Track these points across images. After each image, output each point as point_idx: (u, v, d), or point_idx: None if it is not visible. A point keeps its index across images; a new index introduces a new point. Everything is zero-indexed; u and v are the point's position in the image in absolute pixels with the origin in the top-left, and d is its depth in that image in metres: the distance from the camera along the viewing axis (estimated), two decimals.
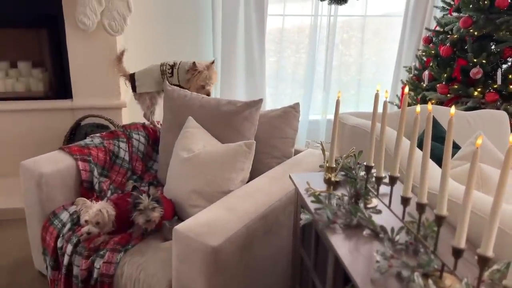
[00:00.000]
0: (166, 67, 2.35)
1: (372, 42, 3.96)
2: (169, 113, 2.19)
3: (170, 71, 2.35)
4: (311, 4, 3.59)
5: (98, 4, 2.65)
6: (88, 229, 1.67)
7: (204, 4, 3.37)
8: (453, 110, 0.91)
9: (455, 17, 2.98)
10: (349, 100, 4.11)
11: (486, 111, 2.47)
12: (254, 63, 3.53)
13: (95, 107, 2.89)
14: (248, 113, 2.00)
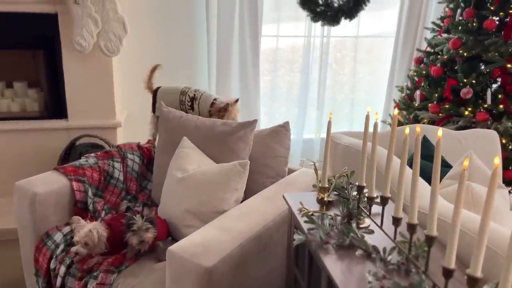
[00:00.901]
0: (186, 99, 2.27)
1: (365, 61, 4.03)
2: (164, 134, 2.21)
3: (189, 104, 2.26)
4: (304, 24, 3.66)
5: (95, 26, 2.69)
6: (76, 249, 1.67)
7: (199, 24, 3.42)
8: (440, 133, 0.94)
9: (445, 39, 3.04)
10: (343, 119, 4.15)
11: (476, 130, 2.51)
12: (248, 83, 3.57)
13: (90, 127, 2.90)
14: (243, 133, 2.02)
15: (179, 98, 2.28)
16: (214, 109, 2.20)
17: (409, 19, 3.62)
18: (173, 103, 2.28)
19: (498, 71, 2.81)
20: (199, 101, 2.25)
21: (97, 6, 2.70)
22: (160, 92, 2.36)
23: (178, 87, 2.33)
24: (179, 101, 2.28)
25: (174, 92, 2.31)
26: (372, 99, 4.09)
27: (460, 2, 2.97)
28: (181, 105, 2.27)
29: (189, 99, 2.26)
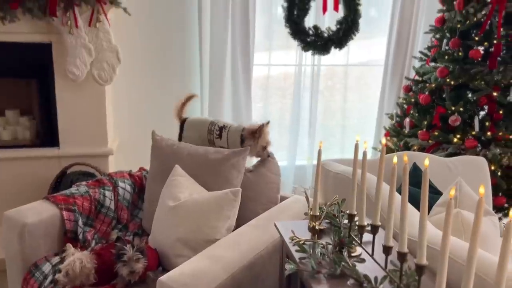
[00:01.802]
0: (215, 128, 2.22)
1: (356, 88, 4.09)
2: (156, 162, 2.22)
3: (218, 133, 2.21)
4: (295, 52, 3.73)
5: (88, 55, 2.73)
6: (57, 276, 1.65)
7: (191, 52, 3.47)
8: (427, 162, 0.96)
9: (432, 67, 3.12)
10: (334, 145, 4.18)
11: (466, 157, 2.54)
12: (240, 110, 3.60)
13: (82, 155, 2.90)
14: (236, 161, 2.04)
15: (207, 127, 2.24)
16: (247, 132, 2.14)
17: (397, 48, 3.70)
18: (200, 133, 2.24)
19: (484, 99, 2.86)
20: (229, 130, 2.20)
21: (91, 36, 2.74)
22: (188, 122, 2.31)
23: (207, 119, 2.31)
24: (207, 129, 2.23)
25: (203, 123, 2.27)
26: (363, 126, 4.13)
27: (446, 33, 3.06)
28: (209, 133, 2.22)
29: (218, 128, 2.21)
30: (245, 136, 2.14)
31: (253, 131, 2.11)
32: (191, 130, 2.27)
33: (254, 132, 2.11)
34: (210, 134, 2.22)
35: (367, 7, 3.77)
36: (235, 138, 2.16)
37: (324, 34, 3.39)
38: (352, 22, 3.28)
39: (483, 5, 2.85)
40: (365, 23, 3.69)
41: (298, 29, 3.36)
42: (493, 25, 2.83)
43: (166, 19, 3.36)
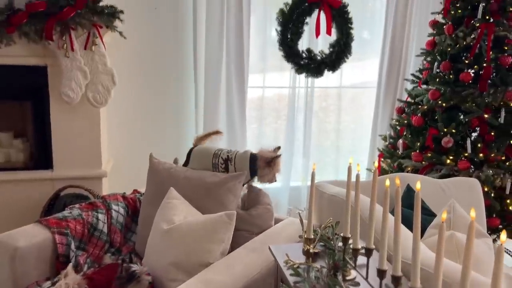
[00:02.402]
0: (219, 161, 2.15)
1: (349, 110, 4.13)
2: (152, 184, 2.21)
3: (223, 167, 2.14)
4: (289, 74, 3.76)
5: (84, 78, 2.74)
6: None
7: (186, 75, 3.50)
8: (418, 185, 0.97)
9: (424, 89, 3.16)
10: (329, 166, 4.19)
11: (459, 179, 2.56)
12: (235, 132, 3.61)
13: (75, 177, 2.88)
14: (232, 185, 2.04)
15: (211, 161, 2.17)
16: (262, 161, 2.09)
17: (389, 70, 3.76)
18: (206, 165, 2.18)
19: (476, 121, 2.90)
20: (235, 161, 2.13)
21: (87, 59, 2.76)
22: (194, 151, 2.25)
23: (210, 149, 2.22)
24: (211, 164, 2.16)
25: (207, 155, 2.20)
26: (357, 147, 4.15)
27: (437, 56, 3.11)
28: (214, 168, 2.16)
29: (222, 161, 2.14)
30: (259, 165, 2.10)
31: (269, 160, 2.09)
32: (196, 162, 2.21)
33: (270, 162, 2.09)
34: (215, 168, 2.16)
35: (360, 29, 3.84)
36: (243, 164, 2.11)
37: (317, 57, 3.44)
38: (344, 46, 3.33)
39: (472, 29, 2.91)
40: (358, 44, 3.75)
41: (291, 52, 3.40)
42: (483, 49, 2.88)
43: (161, 42, 3.40)
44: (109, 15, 2.70)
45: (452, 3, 3.06)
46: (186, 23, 3.42)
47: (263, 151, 2.14)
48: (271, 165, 2.08)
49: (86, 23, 2.67)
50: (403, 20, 3.65)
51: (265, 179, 2.15)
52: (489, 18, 2.90)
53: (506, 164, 2.84)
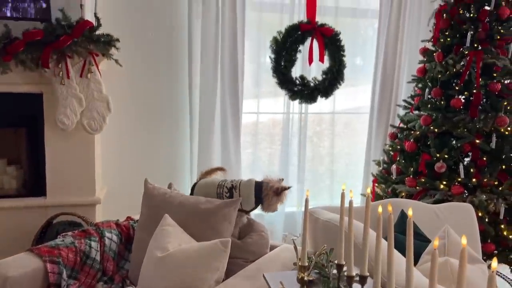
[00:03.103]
0: (224, 191, 2.15)
1: (343, 135, 4.16)
2: (146, 210, 2.20)
3: (228, 195, 2.14)
4: (283, 100, 3.80)
5: (79, 105, 2.76)
6: None
7: (181, 102, 3.53)
8: (410, 212, 0.97)
9: (416, 115, 3.20)
10: (324, 191, 4.19)
11: (453, 204, 2.57)
12: (230, 157, 3.62)
13: (68, 204, 2.86)
14: (227, 211, 2.03)
15: (216, 192, 2.17)
16: (271, 191, 2.09)
17: (381, 96, 3.81)
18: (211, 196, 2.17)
19: (468, 146, 2.93)
20: (240, 189, 2.14)
21: (82, 86, 2.78)
22: (199, 184, 2.26)
23: (215, 181, 2.24)
24: (216, 194, 2.17)
25: (211, 185, 2.21)
26: (352, 172, 4.16)
27: (428, 82, 3.17)
28: (219, 197, 2.16)
29: (227, 191, 2.15)
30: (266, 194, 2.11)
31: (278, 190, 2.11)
32: (200, 194, 2.21)
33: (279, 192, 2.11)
34: (220, 197, 2.16)
35: (352, 55, 3.92)
36: (248, 192, 2.11)
37: (311, 84, 3.49)
38: (337, 73, 3.38)
39: (462, 57, 2.98)
40: (351, 71, 3.82)
41: (285, 79, 3.45)
42: (472, 76, 2.94)
43: (156, 69, 3.44)
44: (105, 43, 2.74)
45: (441, 31, 3.14)
46: (181, 50, 3.47)
47: (270, 180, 2.15)
48: (280, 196, 2.10)
49: (82, 51, 2.71)
50: (394, 47, 3.73)
51: (271, 208, 2.15)
52: (478, 46, 2.97)
53: (499, 189, 2.85)
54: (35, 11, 2.69)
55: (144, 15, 3.35)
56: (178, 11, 3.42)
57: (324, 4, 3.65)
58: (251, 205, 2.11)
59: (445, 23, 3.12)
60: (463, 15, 3.04)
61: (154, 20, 3.38)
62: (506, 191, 2.84)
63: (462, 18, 3.04)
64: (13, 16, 2.66)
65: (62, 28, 2.64)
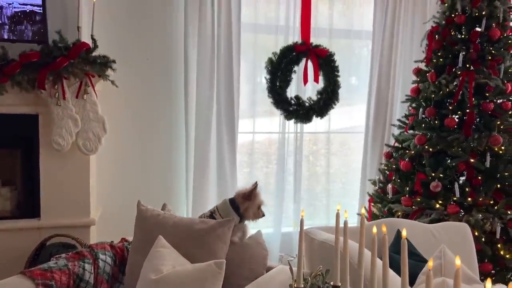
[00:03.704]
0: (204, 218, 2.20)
1: (339, 154, 4.17)
2: (140, 232, 2.18)
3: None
4: (278, 119, 3.81)
5: (74, 126, 2.76)
6: None
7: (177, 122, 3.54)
8: (404, 233, 0.97)
9: (411, 135, 3.22)
10: (321, 210, 4.17)
11: (449, 223, 2.56)
12: (225, 177, 3.61)
13: (62, 226, 2.83)
14: (221, 231, 2.02)
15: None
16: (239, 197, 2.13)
17: (376, 115, 3.83)
18: None
19: (463, 165, 2.94)
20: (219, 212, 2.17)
21: (78, 107, 2.79)
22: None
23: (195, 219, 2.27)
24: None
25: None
26: (348, 191, 4.16)
27: (422, 102, 3.20)
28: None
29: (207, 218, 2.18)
30: (238, 202, 2.14)
31: (246, 194, 2.13)
32: None
33: (248, 195, 2.12)
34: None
35: (347, 75, 3.97)
36: (227, 210, 2.15)
37: (306, 104, 3.53)
38: (332, 93, 3.42)
39: (454, 77, 3.02)
40: (346, 90, 3.86)
41: (280, 99, 3.48)
42: (465, 95, 2.98)
43: (152, 89, 3.46)
44: (101, 64, 2.76)
45: (434, 52, 3.19)
46: (177, 71, 3.49)
47: (241, 190, 2.19)
48: (251, 198, 2.11)
49: (78, 72, 2.73)
50: (388, 68, 3.77)
51: (250, 213, 2.16)
52: (470, 66, 3.02)
53: (495, 208, 2.86)
54: (32, 33, 2.71)
55: (140, 36, 3.39)
56: (174, 32, 3.46)
57: (318, 26, 3.71)
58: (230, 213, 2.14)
59: (438, 44, 3.17)
60: (454, 36, 3.10)
61: (150, 41, 3.42)
62: (502, 210, 2.84)
63: (454, 39, 3.09)
64: (10, 38, 2.69)
65: (59, 49, 2.66)
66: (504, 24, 3.09)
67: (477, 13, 3.01)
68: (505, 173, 2.91)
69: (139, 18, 3.37)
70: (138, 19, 3.37)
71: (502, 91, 3.00)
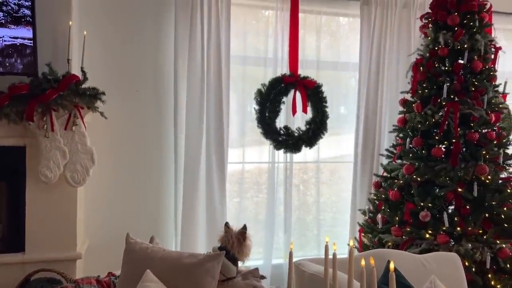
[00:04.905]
0: None
1: (329, 182, 4.17)
2: (127, 266, 2.13)
3: None
4: (268, 149, 3.82)
5: (62, 158, 2.74)
6: None
7: (166, 152, 3.53)
8: (392, 266, 0.97)
9: (399, 164, 3.25)
10: (312, 240, 4.13)
11: (439, 253, 2.56)
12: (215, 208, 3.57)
13: (48, 260, 2.76)
14: (210, 266, 1.98)
15: None
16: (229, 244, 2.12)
17: (364, 145, 3.85)
18: None
19: (451, 195, 2.96)
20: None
21: (66, 138, 2.77)
22: None
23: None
24: None
25: None
26: (339, 221, 4.13)
27: (409, 132, 3.24)
28: None
29: None
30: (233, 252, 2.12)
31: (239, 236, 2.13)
32: None
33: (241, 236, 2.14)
34: None
35: (336, 105, 4.03)
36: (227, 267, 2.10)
37: (295, 134, 3.56)
38: (320, 123, 3.47)
39: (440, 108, 3.08)
40: (336, 119, 3.92)
41: (270, 130, 3.52)
42: (451, 126, 3.03)
43: (142, 120, 3.46)
44: (91, 96, 2.76)
45: (419, 83, 3.26)
46: (166, 102, 3.51)
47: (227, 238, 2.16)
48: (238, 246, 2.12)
49: (67, 104, 2.72)
50: (375, 98, 3.83)
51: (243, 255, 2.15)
52: (454, 97, 3.08)
53: (484, 238, 2.86)
54: (23, 66, 2.72)
55: (130, 68, 3.42)
56: (164, 64, 3.50)
57: (306, 58, 3.78)
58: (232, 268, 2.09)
59: (422, 76, 3.25)
60: (438, 68, 3.18)
61: (140, 72, 3.45)
62: (491, 240, 2.84)
63: (438, 71, 3.17)
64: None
65: (48, 82, 2.67)
66: (486, 56, 3.18)
67: (459, 46, 3.10)
68: (492, 202, 2.93)
69: (129, 50, 3.42)
70: (129, 51, 3.42)
71: (486, 121, 3.05)
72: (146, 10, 3.45)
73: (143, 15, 3.44)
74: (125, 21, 3.39)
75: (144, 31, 3.44)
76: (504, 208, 2.96)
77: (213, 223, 3.56)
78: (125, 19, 3.39)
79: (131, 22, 3.41)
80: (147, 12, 3.45)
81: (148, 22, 3.46)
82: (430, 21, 3.31)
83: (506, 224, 2.95)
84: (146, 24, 3.45)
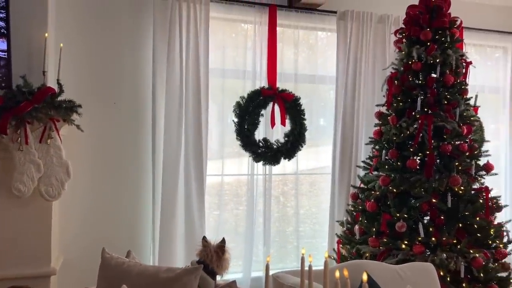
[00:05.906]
0: None
1: (309, 194, 4.19)
2: (103, 282, 2.10)
3: None
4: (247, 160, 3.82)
5: (37, 171, 2.68)
6: None
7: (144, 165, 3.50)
8: (365, 277, 0.99)
9: (375, 176, 3.30)
10: (291, 253, 4.13)
11: (414, 264, 2.60)
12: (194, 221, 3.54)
13: (21, 277, 2.68)
14: (187, 280, 1.98)
15: None
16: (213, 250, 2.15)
17: (342, 157, 3.90)
18: None
19: (426, 205, 3.02)
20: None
21: (41, 152, 2.72)
22: None
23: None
24: None
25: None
26: (319, 232, 4.15)
27: (384, 144, 3.30)
28: None
29: None
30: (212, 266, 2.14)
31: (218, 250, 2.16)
32: None
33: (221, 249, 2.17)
34: None
35: (316, 117, 4.08)
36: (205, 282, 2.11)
37: (274, 146, 3.58)
38: (299, 135, 3.51)
39: (414, 120, 3.15)
40: (316, 131, 3.96)
41: (249, 142, 3.54)
42: (425, 138, 3.10)
43: (119, 133, 3.43)
44: (67, 109, 2.73)
45: (394, 96, 3.33)
46: (144, 114, 3.49)
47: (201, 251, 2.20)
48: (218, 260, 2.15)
49: (42, 117, 2.67)
50: (352, 111, 3.90)
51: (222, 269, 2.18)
52: (428, 110, 3.16)
53: (458, 247, 2.92)
54: None
55: (108, 80, 3.40)
56: (142, 77, 3.49)
57: (284, 72, 3.83)
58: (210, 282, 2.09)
59: (397, 89, 3.32)
60: (412, 81, 3.26)
61: (118, 85, 3.44)
62: (465, 249, 2.90)
63: (412, 84, 3.25)
64: None
65: (22, 94, 2.62)
66: (457, 70, 3.28)
67: (432, 60, 3.19)
68: (466, 213, 3.00)
69: (107, 62, 3.40)
70: (106, 63, 3.40)
71: (458, 133, 3.13)
72: (124, 22, 3.45)
73: (121, 27, 3.43)
74: (102, 34, 3.38)
75: (122, 43, 3.43)
76: (477, 218, 3.03)
77: (192, 236, 3.53)
78: (102, 31, 3.38)
79: (109, 35, 3.40)
80: (125, 25, 3.45)
81: (126, 35, 3.45)
82: (404, 36, 3.40)
83: (479, 234, 3.02)
84: (124, 36, 3.44)
